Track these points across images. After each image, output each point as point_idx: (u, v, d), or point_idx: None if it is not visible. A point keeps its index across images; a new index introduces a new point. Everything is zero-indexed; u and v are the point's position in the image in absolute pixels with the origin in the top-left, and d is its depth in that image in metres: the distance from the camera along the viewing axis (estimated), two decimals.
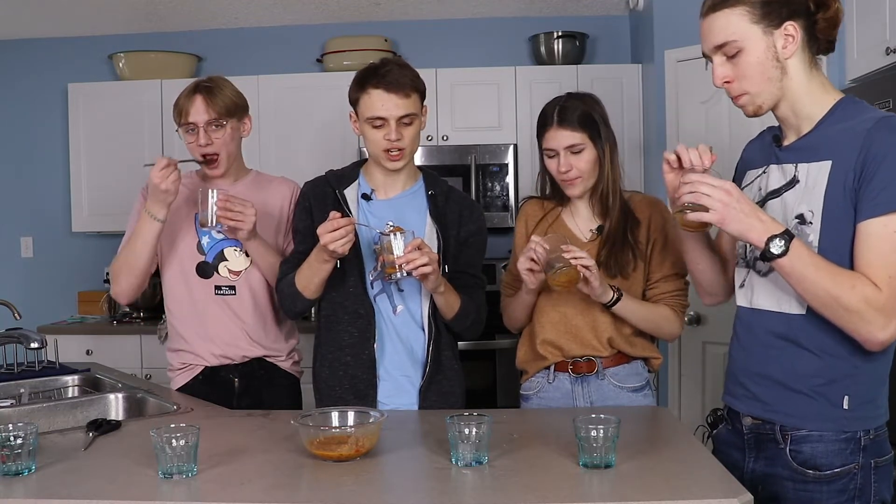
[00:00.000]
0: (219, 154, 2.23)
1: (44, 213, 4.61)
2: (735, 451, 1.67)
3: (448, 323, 2.08)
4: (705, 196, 1.47)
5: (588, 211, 2.11)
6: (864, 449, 1.52)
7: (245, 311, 2.27)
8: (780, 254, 1.44)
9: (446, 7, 4.32)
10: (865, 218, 1.44)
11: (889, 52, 2.42)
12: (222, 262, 2.28)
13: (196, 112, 2.19)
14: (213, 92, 2.21)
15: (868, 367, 1.52)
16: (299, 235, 2.12)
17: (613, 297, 1.97)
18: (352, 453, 1.54)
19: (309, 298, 2.05)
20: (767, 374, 1.59)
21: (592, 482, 1.43)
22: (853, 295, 1.42)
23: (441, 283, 1.96)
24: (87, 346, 3.96)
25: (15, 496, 1.38)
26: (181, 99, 2.22)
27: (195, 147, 2.22)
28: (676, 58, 3.55)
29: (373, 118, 1.98)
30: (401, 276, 1.86)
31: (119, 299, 2.31)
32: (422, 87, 2.03)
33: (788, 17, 1.51)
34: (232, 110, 2.24)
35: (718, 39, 1.54)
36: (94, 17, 4.30)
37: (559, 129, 2.00)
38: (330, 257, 1.93)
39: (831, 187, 1.48)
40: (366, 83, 1.99)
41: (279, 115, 4.14)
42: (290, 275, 2.05)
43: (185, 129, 2.23)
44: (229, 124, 2.23)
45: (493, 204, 4.00)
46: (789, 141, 1.60)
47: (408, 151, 2.03)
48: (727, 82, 1.57)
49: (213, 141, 2.21)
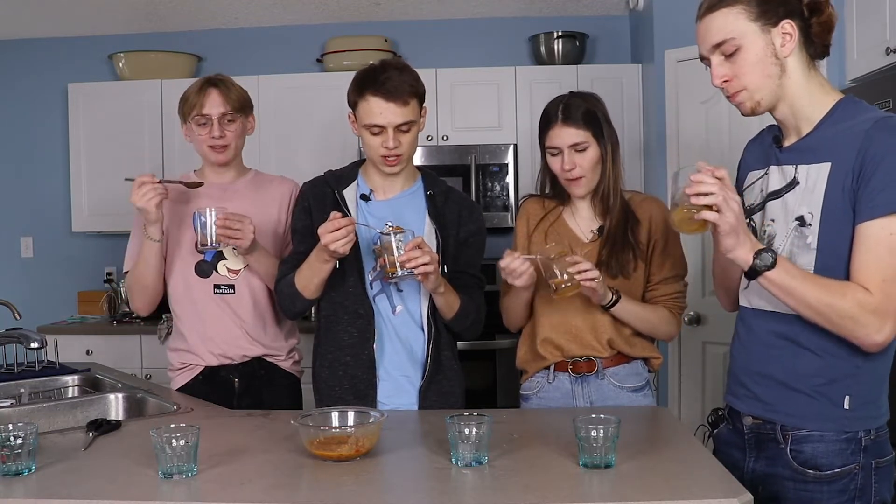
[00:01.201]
0: (228, 146, 2.26)
1: (44, 213, 4.61)
2: (735, 451, 1.67)
3: (448, 323, 2.08)
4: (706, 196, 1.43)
5: (589, 211, 2.11)
6: (865, 449, 1.51)
7: (244, 310, 2.28)
8: (770, 264, 1.44)
9: (446, 7, 4.32)
10: (864, 220, 1.45)
11: (889, 52, 2.42)
12: (221, 261, 2.28)
13: (211, 104, 2.22)
14: (227, 86, 2.25)
15: (869, 367, 1.52)
16: (298, 235, 2.12)
17: (612, 298, 1.98)
18: (352, 453, 1.54)
19: (308, 298, 2.05)
20: (768, 373, 1.59)
21: (592, 482, 1.43)
22: (845, 301, 1.44)
23: (441, 283, 1.96)
24: (87, 346, 3.96)
25: (15, 496, 1.38)
26: (191, 94, 2.24)
27: (206, 139, 2.24)
28: (676, 58, 3.55)
29: (371, 125, 1.98)
30: (402, 274, 1.86)
31: (140, 314, 2.37)
32: (421, 91, 2.02)
33: (786, 15, 1.51)
34: (244, 105, 2.29)
35: (716, 38, 1.54)
36: (94, 17, 4.30)
37: (563, 127, 2.00)
38: (330, 257, 1.93)
39: (830, 189, 1.48)
40: (364, 89, 1.98)
41: (279, 115, 4.13)
42: (290, 275, 2.05)
43: (196, 121, 2.24)
44: (240, 120, 2.27)
45: (493, 204, 4.00)
46: (789, 142, 1.60)
47: (405, 157, 2.03)
48: (726, 81, 1.57)
49: (225, 134, 2.24)
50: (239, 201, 2.27)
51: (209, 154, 2.27)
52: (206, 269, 2.28)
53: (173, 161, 4.17)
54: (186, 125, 2.28)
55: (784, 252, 1.55)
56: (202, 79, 2.27)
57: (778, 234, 1.58)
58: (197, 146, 2.29)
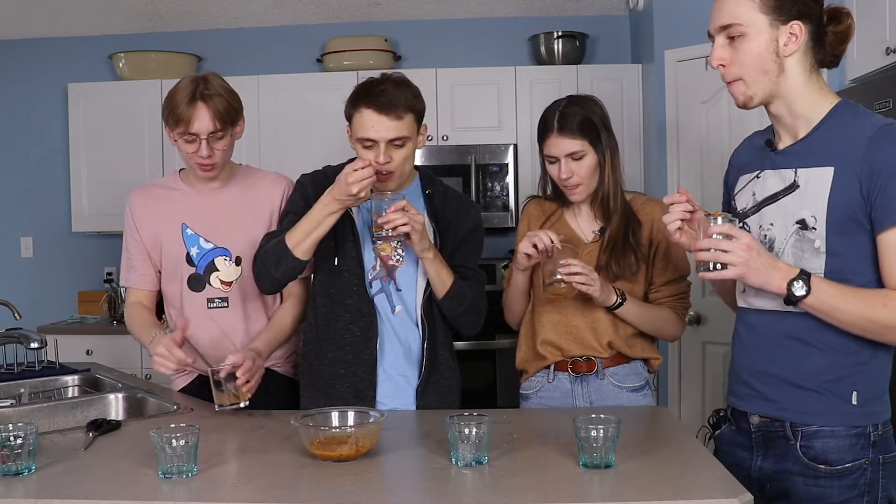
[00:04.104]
0: (217, 162, 2.15)
1: (44, 213, 4.61)
2: (740, 451, 1.67)
3: (442, 305, 2.06)
4: (725, 254, 1.47)
5: (590, 214, 2.11)
6: (874, 444, 1.53)
7: (238, 326, 2.20)
8: (805, 294, 1.46)
9: (446, 7, 4.32)
10: (885, 228, 1.46)
11: (889, 52, 2.42)
12: (213, 273, 2.20)
13: (199, 123, 2.05)
14: (215, 100, 2.07)
15: (873, 362, 1.54)
16: (292, 217, 2.05)
17: (617, 301, 1.98)
18: (352, 453, 1.54)
19: (297, 258, 1.96)
20: (774, 372, 1.60)
21: (592, 482, 1.43)
22: (888, 312, 1.45)
23: (428, 248, 1.95)
24: (87, 346, 3.96)
25: (15, 496, 1.38)
26: (180, 105, 2.05)
27: (194, 156, 2.11)
28: (676, 58, 3.55)
29: (363, 139, 1.95)
30: (385, 234, 1.89)
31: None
32: (419, 108, 1.98)
33: (797, 16, 1.51)
34: (233, 118, 2.13)
35: (725, 20, 1.54)
36: (94, 17, 4.30)
37: (559, 137, 2.00)
38: (341, 206, 1.90)
39: (835, 193, 1.49)
40: (359, 102, 1.95)
41: (279, 115, 4.14)
42: (280, 237, 1.99)
43: (184, 138, 2.09)
44: (228, 132, 2.13)
45: (493, 204, 4.00)
46: (785, 144, 1.60)
47: (397, 174, 1.99)
48: (723, 65, 1.56)
49: (214, 152, 2.11)
50: (230, 207, 2.21)
51: (196, 169, 2.16)
52: (199, 282, 2.20)
53: (173, 161, 4.16)
54: (168, 130, 2.13)
55: (785, 255, 1.55)
56: (189, 85, 2.07)
57: (777, 237, 1.58)
58: (183, 158, 2.17)
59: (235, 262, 2.21)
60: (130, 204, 2.26)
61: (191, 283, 2.21)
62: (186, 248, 2.20)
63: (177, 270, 2.22)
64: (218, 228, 2.21)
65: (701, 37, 1.65)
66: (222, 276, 2.21)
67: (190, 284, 2.21)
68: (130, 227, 2.25)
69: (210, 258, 2.20)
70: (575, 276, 1.88)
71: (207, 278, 2.21)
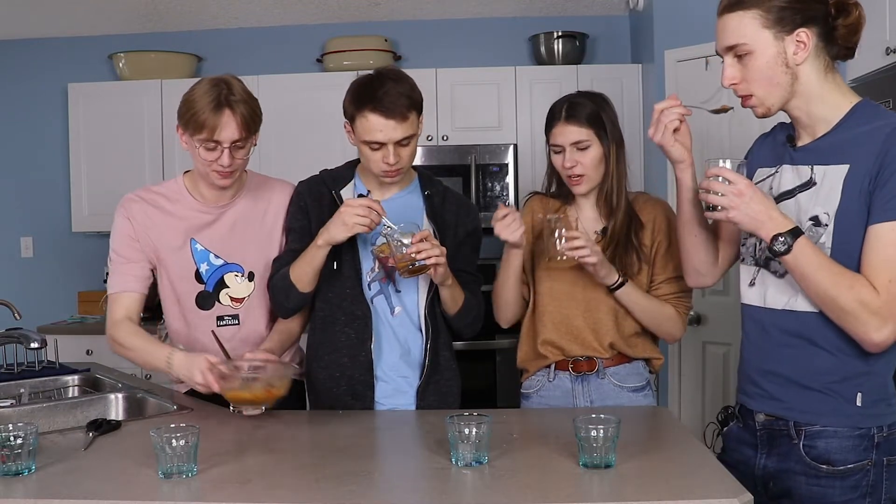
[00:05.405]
0: (235, 171, 2.03)
1: (44, 213, 4.61)
2: (746, 448, 1.68)
3: (451, 319, 2.08)
4: (717, 196, 1.51)
5: (593, 211, 2.11)
6: (878, 446, 1.53)
7: (245, 346, 2.08)
8: (784, 251, 1.47)
9: (446, 7, 4.32)
10: (876, 221, 1.46)
11: (889, 52, 2.42)
12: (223, 290, 2.13)
13: (225, 131, 1.93)
14: (241, 107, 1.95)
15: (880, 364, 1.54)
16: (294, 234, 2.09)
17: (618, 280, 1.98)
18: (265, 395, 1.82)
19: (301, 292, 2.00)
20: (781, 371, 1.60)
21: (592, 482, 1.43)
22: (849, 296, 1.45)
23: (449, 276, 1.97)
24: (87, 346, 3.96)
25: (15, 496, 1.38)
26: (203, 111, 1.92)
27: (214, 164, 1.98)
28: (676, 58, 3.55)
29: (370, 142, 1.95)
30: (412, 267, 1.86)
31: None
32: (419, 101, 1.98)
33: (802, 24, 1.51)
34: (257, 125, 2.01)
35: (730, 41, 1.55)
36: (94, 17, 4.30)
37: (566, 125, 2.01)
38: (325, 242, 1.91)
39: (847, 191, 1.49)
40: (363, 105, 1.93)
41: (279, 115, 4.12)
42: (285, 269, 2.03)
43: (205, 145, 1.96)
44: (250, 141, 2.02)
45: (493, 204, 4.00)
46: (803, 142, 1.60)
47: (405, 169, 2.02)
48: (734, 84, 1.57)
49: (234, 161, 1.99)
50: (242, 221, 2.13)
51: (213, 177, 2.02)
52: (208, 301, 2.12)
53: (173, 161, 4.17)
54: (186, 135, 2.00)
55: None
56: (212, 90, 1.94)
57: None
58: (198, 164, 2.03)
59: (248, 278, 2.15)
60: (129, 210, 2.15)
61: (199, 300, 2.13)
62: (196, 264, 2.11)
63: (182, 287, 2.13)
64: (229, 244, 2.13)
65: (701, 37, 1.66)
66: (232, 293, 2.14)
67: (198, 302, 2.13)
68: (127, 234, 2.14)
69: (220, 275, 2.13)
70: (578, 249, 1.88)
71: (217, 296, 2.13)
